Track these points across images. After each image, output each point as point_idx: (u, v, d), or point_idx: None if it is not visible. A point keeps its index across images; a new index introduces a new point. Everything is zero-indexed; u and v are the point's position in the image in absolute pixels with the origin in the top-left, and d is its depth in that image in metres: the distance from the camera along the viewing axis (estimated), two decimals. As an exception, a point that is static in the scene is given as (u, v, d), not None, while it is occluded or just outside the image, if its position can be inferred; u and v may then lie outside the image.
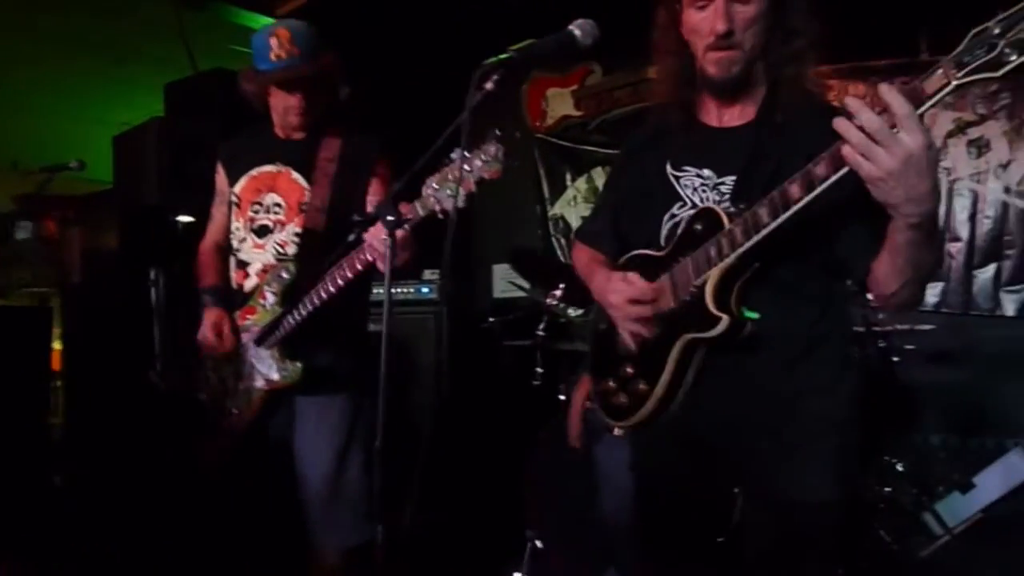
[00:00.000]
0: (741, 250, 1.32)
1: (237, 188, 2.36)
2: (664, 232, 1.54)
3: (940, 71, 1.07)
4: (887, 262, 1.26)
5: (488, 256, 5.19)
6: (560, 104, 4.93)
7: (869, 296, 1.53)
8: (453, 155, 1.70)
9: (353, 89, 2.47)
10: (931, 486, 3.44)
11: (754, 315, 1.37)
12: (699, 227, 1.42)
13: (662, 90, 1.58)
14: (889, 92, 1.07)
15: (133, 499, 3.74)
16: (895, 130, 1.06)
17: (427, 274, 4.25)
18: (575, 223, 4.95)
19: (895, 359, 3.23)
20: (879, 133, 1.07)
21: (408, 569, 1.60)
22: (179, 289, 3.73)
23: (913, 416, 3.66)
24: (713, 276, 1.36)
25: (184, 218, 3.82)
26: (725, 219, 1.37)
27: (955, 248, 3.89)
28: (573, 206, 4.96)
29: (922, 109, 1.10)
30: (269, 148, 2.33)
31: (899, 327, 3.22)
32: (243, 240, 2.31)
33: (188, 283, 3.82)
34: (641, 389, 1.46)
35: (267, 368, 2.22)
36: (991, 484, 3.27)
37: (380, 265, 1.91)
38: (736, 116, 1.53)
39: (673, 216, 1.53)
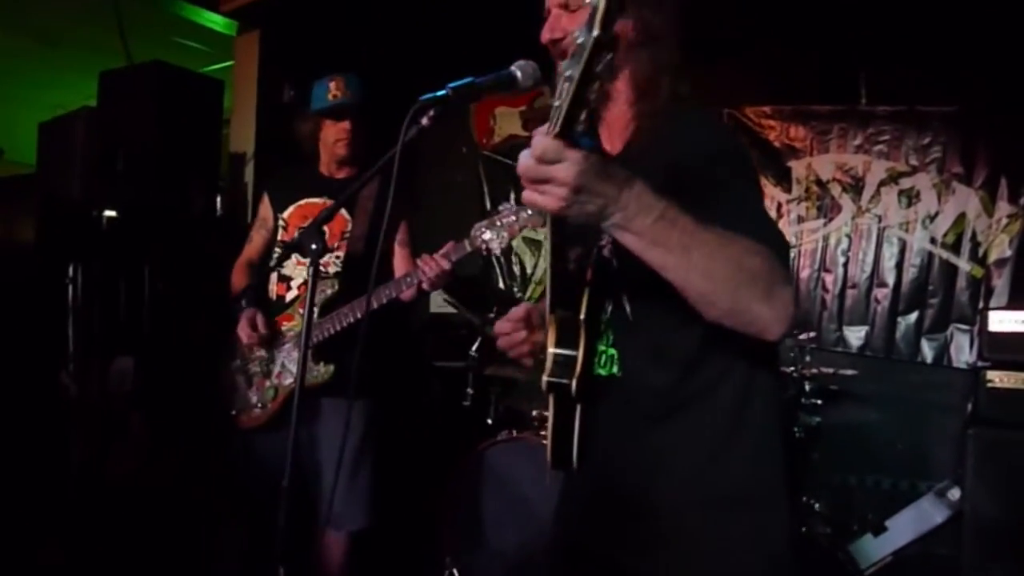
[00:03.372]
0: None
1: (285, 214, 2.73)
2: None
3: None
4: (679, 290, 1.11)
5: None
6: (508, 123, 4.92)
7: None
8: (502, 207, 2.22)
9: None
10: (846, 526, 3.52)
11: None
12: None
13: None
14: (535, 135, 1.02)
15: (43, 505, 3.54)
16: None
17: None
18: (515, 242, 4.93)
19: (818, 401, 3.29)
20: (538, 171, 1.01)
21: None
22: (98, 287, 3.55)
23: (833, 457, 3.74)
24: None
25: (109, 213, 3.65)
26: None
27: (881, 293, 4.01)
28: (515, 226, 4.94)
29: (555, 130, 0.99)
30: (316, 183, 2.73)
31: (824, 370, 3.29)
32: (287, 258, 2.68)
33: (108, 281, 3.69)
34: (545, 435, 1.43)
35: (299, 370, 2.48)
36: (903, 528, 3.36)
37: (426, 286, 2.41)
38: (610, 147, 1.43)
39: None
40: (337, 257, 2.63)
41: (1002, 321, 3.16)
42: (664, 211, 1.05)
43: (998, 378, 3.11)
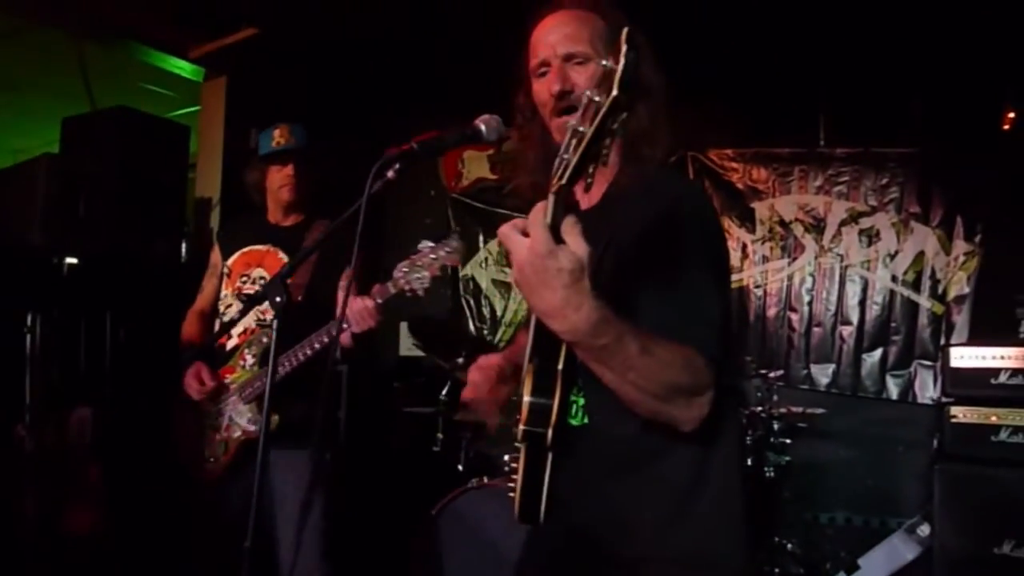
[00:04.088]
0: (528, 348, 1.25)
1: (229, 261, 2.73)
2: None
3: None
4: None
5: (395, 313, 5.10)
6: (476, 166, 4.96)
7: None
8: (421, 245, 2.15)
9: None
10: (819, 566, 3.51)
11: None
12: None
13: (525, 178, 1.49)
14: (536, 207, 1.03)
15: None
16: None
17: (330, 331, 4.12)
18: (485, 285, 4.95)
19: (787, 440, 3.30)
20: (503, 239, 1.03)
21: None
22: (58, 336, 3.46)
23: (803, 495, 3.75)
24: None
25: (70, 260, 3.59)
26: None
27: (846, 331, 4.07)
28: (484, 268, 4.95)
29: (549, 213, 1.01)
30: (261, 230, 2.74)
31: (792, 409, 3.31)
32: (229, 306, 2.66)
33: (68, 330, 3.61)
34: (514, 487, 1.33)
35: (245, 420, 2.52)
36: (875, 566, 3.36)
37: (354, 328, 2.31)
38: (589, 196, 1.42)
39: None
40: None
41: (962, 357, 3.21)
42: (617, 338, 1.06)
43: (961, 413, 3.15)
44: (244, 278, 2.68)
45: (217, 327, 2.69)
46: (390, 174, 1.27)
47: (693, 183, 1.63)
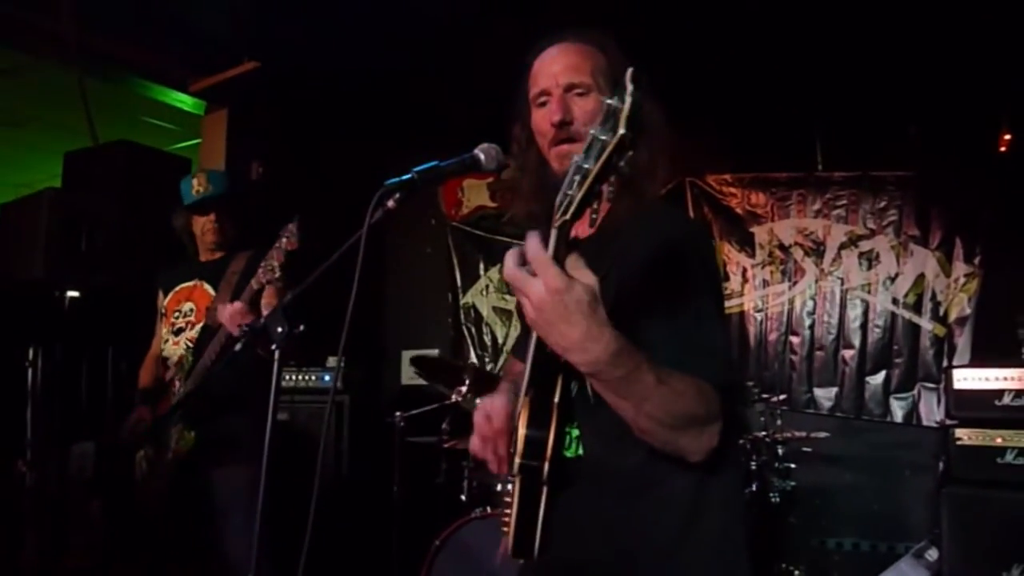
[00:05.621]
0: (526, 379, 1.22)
1: (165, 301, 2.94)
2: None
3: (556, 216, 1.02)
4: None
5: (398, 342, 5.10)
6: (476, 195, 4.99)
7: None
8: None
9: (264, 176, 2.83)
10: (827, 592, 3.47)
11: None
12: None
13: (521, 206, 1.49)
14: (529, 237, 1.01)
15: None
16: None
17: (331, 361, 4.11)
18: (486, 312, 4.95)
19: (791, 465, 3.28)
20: (515, 281, 1.02)
21: None
22: (59, 371, 3.46)
23: (810, 520, 3.71)
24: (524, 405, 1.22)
25: (72, 293, 3.59)
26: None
27: (848, 355, 4.06)
28: (485, 295, 4.96)
29: (549, 251, 1.00)
30: (191, 269, 2.95)
31: (796, 433, 3.29)
32: (166, 341, 2.85)
33: (70, 364, 3.60)
34: (506, 521, 1.30)
35: (172, 441, 2.65)
36: (883, 592, 3.32)
37: (232, 330, 2.36)
38: (585, 226, 1.40)
39: None
40: (199, 330, 2.77)
41: (966, 379, 3.20)
42: (634, 368, 1.06)
43: (966, 436, 3.14)
44: (176, 313, 2.87)
45: (161, 363, 2.88)
46: (390, 204, 1.28)
47: (690, 217, 1.63)
